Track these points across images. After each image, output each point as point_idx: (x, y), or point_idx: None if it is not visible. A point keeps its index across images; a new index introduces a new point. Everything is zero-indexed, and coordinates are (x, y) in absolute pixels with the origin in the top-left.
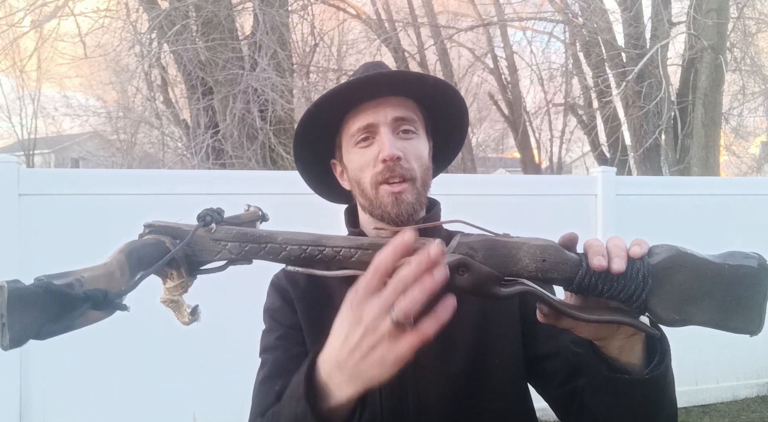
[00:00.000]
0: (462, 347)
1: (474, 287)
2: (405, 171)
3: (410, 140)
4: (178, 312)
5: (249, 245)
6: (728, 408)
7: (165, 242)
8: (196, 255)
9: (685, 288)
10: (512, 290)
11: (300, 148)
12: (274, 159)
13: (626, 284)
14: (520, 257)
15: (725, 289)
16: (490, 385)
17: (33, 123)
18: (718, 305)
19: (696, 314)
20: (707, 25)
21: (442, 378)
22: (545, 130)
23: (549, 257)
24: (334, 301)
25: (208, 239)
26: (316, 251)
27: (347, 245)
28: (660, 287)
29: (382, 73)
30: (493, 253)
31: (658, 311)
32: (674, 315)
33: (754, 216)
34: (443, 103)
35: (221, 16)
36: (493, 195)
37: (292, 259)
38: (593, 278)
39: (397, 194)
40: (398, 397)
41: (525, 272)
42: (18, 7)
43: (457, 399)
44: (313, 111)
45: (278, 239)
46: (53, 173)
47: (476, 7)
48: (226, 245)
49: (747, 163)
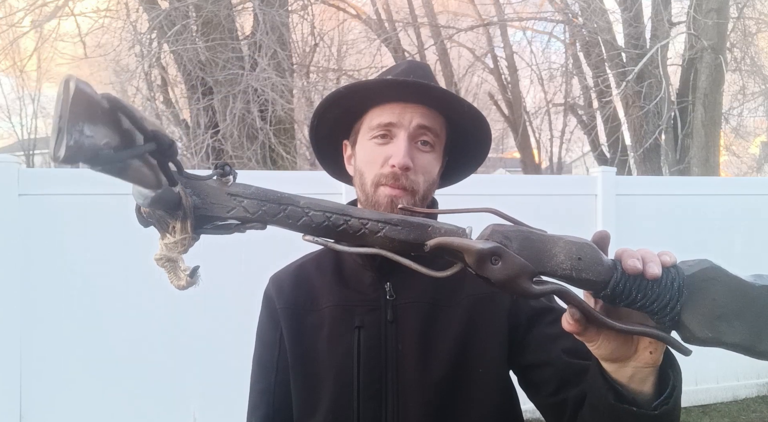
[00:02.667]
0: (443, 356)
1: (506, 279)
2: (409, 183)
3: (425, 152)
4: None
5: (268, 204)
6: (728, 408)
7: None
8: (206, 208)
9: (718, 304)
10: (545, 289)
11: (318, 120)
12: (274, 159)
13: (661, 293)
14: (555, 253)
15: (757, 310)
16: (471, 394)
17: (33, 123)
18: (750, 326)
19: (727, 333)
20: (707, 25)
21: (422, 386)
22: (545, 130)
23: (585, 256)
24: (319, 305)
25: (223, 193)
26: (341, 219)
27: (375, 219)
28: (694, 299)
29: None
30: (528, 245)
31: (692, 325)
32: (707, 332)
33: (754, 216)
34: (470, 128)
35: (221, 16)
36: (493, 195)
37: (312, 226)
38: (628, 284)
39: (393, 197)
40: (376, 404)
41: (559, 270)
42: (18, 7)
43: (437, 408)
44: (343, 92)
45: (300, 202)
46: (53, 173)
47: (476, 7)
48: (242, 202)
49: (747, 163)
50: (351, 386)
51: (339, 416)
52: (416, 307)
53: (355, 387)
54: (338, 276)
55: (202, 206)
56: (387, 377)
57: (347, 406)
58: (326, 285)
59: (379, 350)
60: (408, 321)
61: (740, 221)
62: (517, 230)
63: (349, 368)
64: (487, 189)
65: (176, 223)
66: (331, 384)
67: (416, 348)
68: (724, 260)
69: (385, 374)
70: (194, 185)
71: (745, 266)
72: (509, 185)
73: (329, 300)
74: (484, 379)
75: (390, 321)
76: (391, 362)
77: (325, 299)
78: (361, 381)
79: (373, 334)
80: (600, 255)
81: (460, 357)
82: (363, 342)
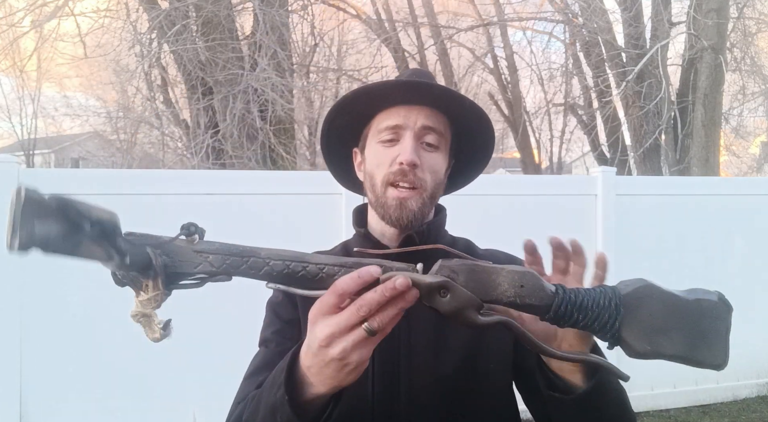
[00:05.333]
0: (456, 349)
1: (454, 310)
2: (417, 180)
3: (431, 152)
4: (148, 328)
5: (231, 258)
6: (728, 408)
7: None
8: (175, 266)
9: (655, 320)
10: (490, 320)
11: (328, 127)
12: (274, 159)
13: (600, 313)
14: (499, 282)
15: (691, 322)
16: (481, 388)
17: (33, 123)
18: (685, 338)
19: (666, 346)
20: (707, 25)
21: (434, 378)
22: (545, 130)
23: (527, 284)
24: None
25: (190, 250)
26: (299, 266)
27: (331, 263)
28: (631, 317)
29: (426, 83)
30: (474, 277)
31: (631, 340)
32: (646, 345)
33: (754, 216)
34: (473, 127)
35: (221, 16)
36: (493, 195)
37: (274, 274)
38: (569, 307)
39: (402, 199)
40: (390, 395)
41: (504, 298)
42: (18, 7)
43: (449, 400)
44: (350, 98)
45: (261, 253)
46: (53, 173)
47: (476, 7)
48: (207, 257)
49: (747, 163)
50: (366, 379)
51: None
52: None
53: (370, 379)
54: None
55: (171, 264)
56: (400, 368)
57: (362, 395)
58: None
59: (391, 342)
60: (420, 317)
61: (740, 221)
62: (463, 263)
63: None
64: (487, 189)
65: (149, 281)
66: None
67: (428, 340)
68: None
69: (398, 365)
70: (163, 246)
71: (745, 266)
72: (509, 185)
73: None
74: (495, 374)
75: (403, 316)
76: (404, 353)
77: None
78: (375, 371)
79: None
80: (541, 282)
81: (473, 350)
82: None
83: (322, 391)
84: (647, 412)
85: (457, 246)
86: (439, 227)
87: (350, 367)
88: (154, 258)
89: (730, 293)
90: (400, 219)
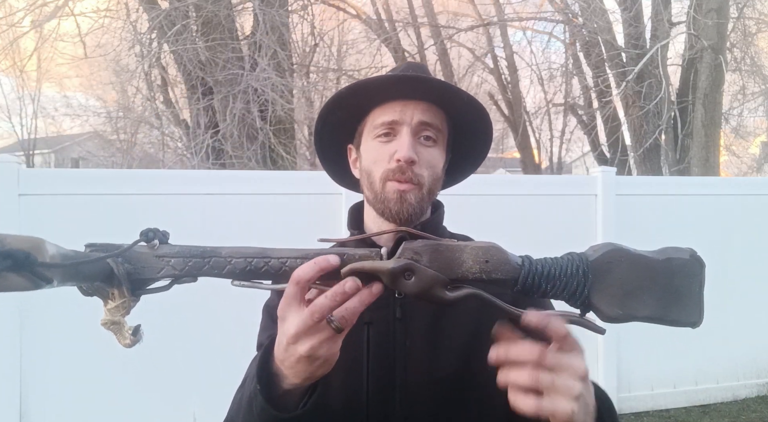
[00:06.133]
0: (453, 351)
1: (421, 291)
2: (415, 176)
3: (428, 147)
4: (119, 334)
5: (193, 260)
6: (728, 408)
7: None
8: (138, 273)
9: (625, 283)
10: (459, 294)
11: (321, 124)
12: (274, 159)
13: (568, 281)
14: (463, 260)
15: (662, 282)
16: (478, 391)
17: (33, 123)
18: (658, 299)
19: (638, 308)
20: (707, 25)
21: (430, 378)
22: (545, 130)
23: (491, 258)
24: None
25: (151, 256)
26: (261, 262)
27: (293, 256)
28: (600, 282)
29: (422, 77)
30: (437, 256)
31: (602, 306)
32: (617, 310)
33: (754, 216)
34: (471, 121)
35: (221, 16)
36: (493, 195)
37: (237, 272)
38: (536, 278)
39: (402, 192)
40: (385, 396)
41: (470, 274)
42: (18, 7)
43: (445, 401)
44: (344, 93)
45: (222, 252)
46: (53, 173)
47: (476, 7)
48: (169, 262)
49: (747, 163)
50: (361, 379)
51: (350, 407)
52: (424, 304)
53: (364, 380)
54: None
55: (134, 271)
56: (396, 371)
57: (358, 398)
58: None
59: (387, 346)
60: (416, 317)
61: (740, 221)
62: (425, 244)
63: (359, 362)
64: (488, 189)
65: (114, 290)
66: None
67: (425, 344)
68: (724, 260)
69: (394, 368)
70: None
71: (745, 267)
72: (509, 185)
73: None
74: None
75: (398, 318)
76: (399, 357)
77: None
78: (370, 374)
79: (381, 330)
80: (506, 255)
81: (469, 353)
82: (372, 338)
83: (296, 383)
84: (647, 412)
85: None
86: (436, 225)
87: (320, 362)
88: (116, 267)
89: (730, 293)
90: (401, 213)
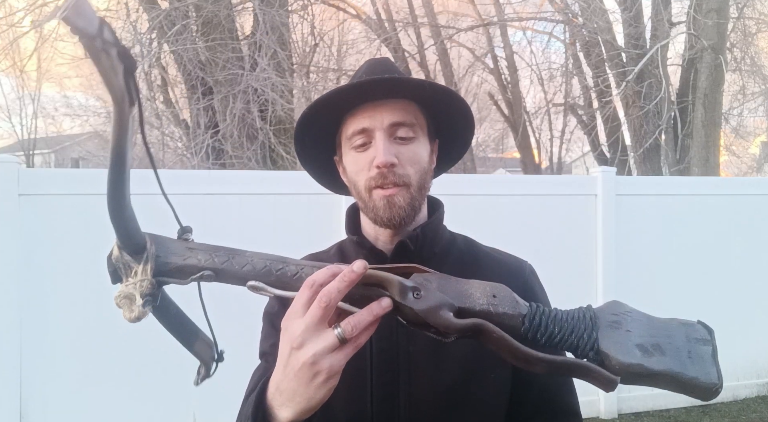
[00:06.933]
0: (457, 359)
1: (428, 309)
2: (398, 178)
3: (407, 144)
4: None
5: (218, 254)
6: (728, 408)
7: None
8: (166, 257)
9: (634, 335)
10: (466, 322)
11: (300, 146)
12: (274, 159)
13: (576, 325)
14: (471, 292)
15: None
16: (482, 399)
17: (33, 123)
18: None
19: (651, 361)
20: (707, 25)
21: (434, 388)
22: (545, 130)
23: (499, 294)
24: None
25: (182, 246)
26: (279, 265)
27: (310, 265)
28: (609, 330)
29: (379, 79)
30: (446, 285)
31: (612, 352)
32: (630, 358)
33: (754, 216)
34: (445, 106)
35: (221, 16)
36: (493, 195)
37: (254, 272)
38: (544, 317)
39: (389, 197)
40: (389, 404)
41: (477, 305)
42: (18, 7)
43: (449, 411)
44: (308, 113)
45: (246, 253)
46: (53, 173)
47: (476, 7)
48: (197, 254)
49: (747, 163)
50: (365, 386)
51: (354, 415)
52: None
53: (368, 387)
54: None
55: (163, 255)
56: (399, 378)
57: (362, 406)
58: None
59: (390, 352)
60: None
61: (740, 221)
62: (435, 275)
63: (362, 369)
64: (488, 189)
65: (138, 267)
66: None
67: (428, 350)
68: (723, 260)
69: (398, 375)
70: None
71: (745, 267)
72: (509, 185)
73: None
74: (495, 385)
75: (401, 324)
76: (403, 364)
77: None
78: (374, 381)
79: (384, 336)
80: (514, 296)
81: (474, 360)
82: (375, 344)
83: (289, 416)
84: (647, 412)
85: (457, 243)
86: (436, 228)
87: (321, 378)
88: (149, 243)
89: (730, 293)
90: (392, 219)
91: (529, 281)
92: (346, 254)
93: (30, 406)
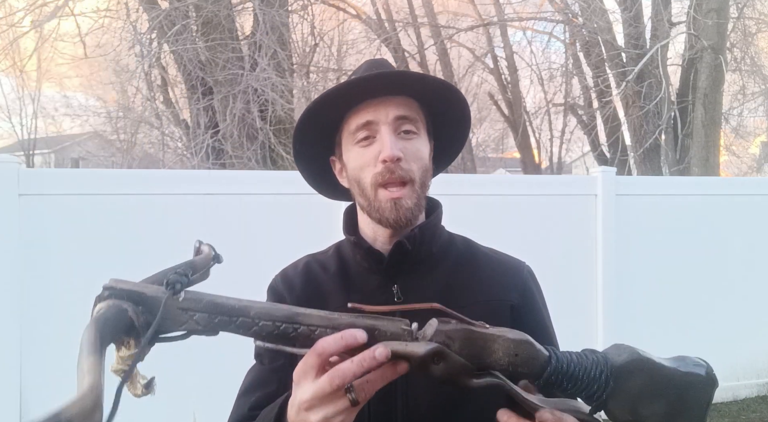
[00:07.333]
0: None
1: (447, 377)
2: (404, 172)
3: (411, 140)
4: (130, 383)
5: (219, 317)
6: (728, 408)
7: (127, 311)
8: (159, 324)
9: (641, 391)
10: (483, 382)
11: (299, 144)
12: (274, 159)
13: (590, 384)
14: (494, 350)
15: (675, 393)
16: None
17: (33, 123)
18: (668, 407)
19: (646, 414)
20: (707, 25)
21: (431, 388)
22: (545, 130)
23: (522, 353)
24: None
25: (175, 308)
26: (290, 328)
27: (323, 325)
28: (620, 388)
29: (384, 73)
30: (469, 344)
31: (615, 411)
32: (628, 416)
33: (754, 216)
34: (445, 103)
35: (221, 16)
36: (493, 195)
37: (263, 335)
38: (560, 376)
39: (396, 199)
40: (386, 404)
41: (497, 366)
42: (18, 7)
43: (447, 410)
44: (312, 108)
45: (251, 313)
46: (53, 173)
47: (476, 7)
48: (193, 316)
49: (747, 163)
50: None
51: None
52: (425, 310)
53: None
54: (344, 279)
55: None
56: (397, 392)
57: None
58: (333, 287)
59: None
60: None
61: (740, 221)
62: (459, 329)
63: None
64: (488, 189)
65: (130, 340)
66: None
67: None
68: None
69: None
70: (146, 302)
71: (745, 267)
72: (509, 185)
73: (337, 302)
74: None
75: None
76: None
77: (333, 301)
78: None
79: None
80: (536, 351)
81: None
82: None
83: None
84: None
85: (455, 244)
86: (434, 228)
87: None
88: (136, 319)
89: (730, 293)
90: (398, 220)
91: (527, 282)
92: (344, 254)
93: (30, 406)
